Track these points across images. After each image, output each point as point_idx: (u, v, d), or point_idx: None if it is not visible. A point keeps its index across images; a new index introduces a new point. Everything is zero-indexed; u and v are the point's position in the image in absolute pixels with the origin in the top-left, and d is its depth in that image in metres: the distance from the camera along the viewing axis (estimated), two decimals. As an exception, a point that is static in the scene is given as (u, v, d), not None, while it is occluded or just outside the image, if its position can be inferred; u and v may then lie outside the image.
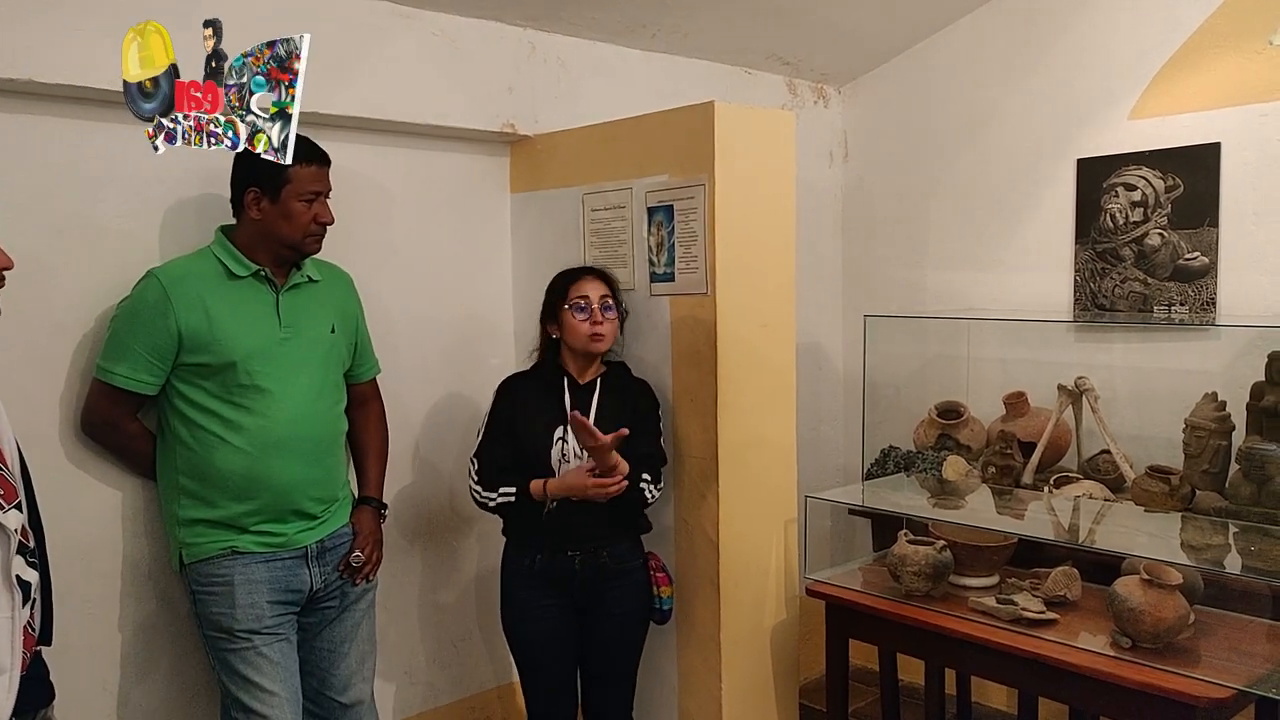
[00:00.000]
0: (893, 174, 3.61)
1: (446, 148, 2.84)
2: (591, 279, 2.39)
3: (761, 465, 2.58)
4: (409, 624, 2.83)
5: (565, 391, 2.38)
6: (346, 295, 2.34)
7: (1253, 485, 2.38)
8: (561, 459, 2.34)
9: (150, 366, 2.05)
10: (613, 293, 2.40)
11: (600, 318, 2.33)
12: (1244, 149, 2.74)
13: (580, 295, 2.35)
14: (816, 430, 3.67)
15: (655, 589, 2.45)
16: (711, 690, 2.55)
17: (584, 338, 2.34)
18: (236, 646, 2.08)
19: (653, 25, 2.97)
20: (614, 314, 2.38)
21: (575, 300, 2.35)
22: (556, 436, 2.35)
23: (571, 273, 2.43)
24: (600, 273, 2.43)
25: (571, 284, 2.38)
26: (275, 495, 2.10)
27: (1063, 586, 2.34)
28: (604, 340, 2.35)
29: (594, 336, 2.34)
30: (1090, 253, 3.04)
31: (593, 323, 2.33)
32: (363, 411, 2.40)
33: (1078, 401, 2.85)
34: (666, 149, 2.51)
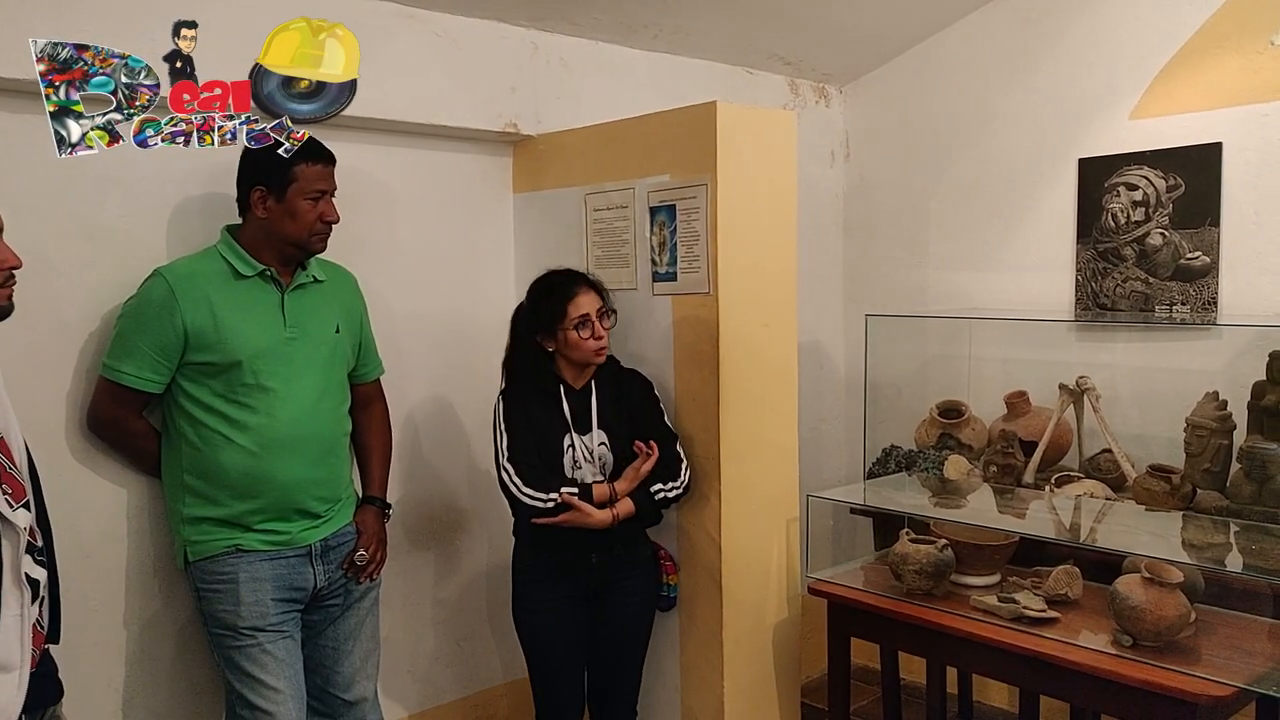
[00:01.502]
0: (894, 174, 3.61)
1: (449, 148, 2.85)
2: (585, 292, 2.34)
3: (763, 464, 2.59)
4: (413, 622, 2.84)
5: (564, 399, 2.38)
6: (351, 296, 2.35)
7: (1254, 484, 2.39)
8: (574, 465, 2.35)
9: (156, 365, 2.06)
10: (603, 299, 2.38)
11: (601, 331, 2.34)
12: (1245, 149, 2.75)
13: (580, 315, 2.30)
14: (818, 429, 3.68)
15: (664, 577, 2.53)
16: (714, 688, 2.56)
17: (589, 353, 2.34)
18: (241, 643, 2.09)
19: (655, 25, 2.98)
20: (609, 320, 2.38)
21: (576, 319, 2.31)
22: (566, 444, 2.36)
23: (564, 288, 2.34)
24: (589, 282, 2.38)
25: (568, 302, 2.31)
26: (279, 494, 2.11)
27: (1064, 585, 2.35)
28: (606, 349, 2.37)
29: (599, 351, 2.34)
30: (1092, 252, 3.05)
31: (595, 338, 2.32)
32: (367, 412, 2.40)
33: (1079, 401, 2.85)
34: (668, 149, 2.52)
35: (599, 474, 2.37)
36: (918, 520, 2.64)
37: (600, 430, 2.37)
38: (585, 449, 2.36)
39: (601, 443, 2.37)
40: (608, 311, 2.37)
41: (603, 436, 2.37)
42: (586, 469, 2.35)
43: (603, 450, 2.37)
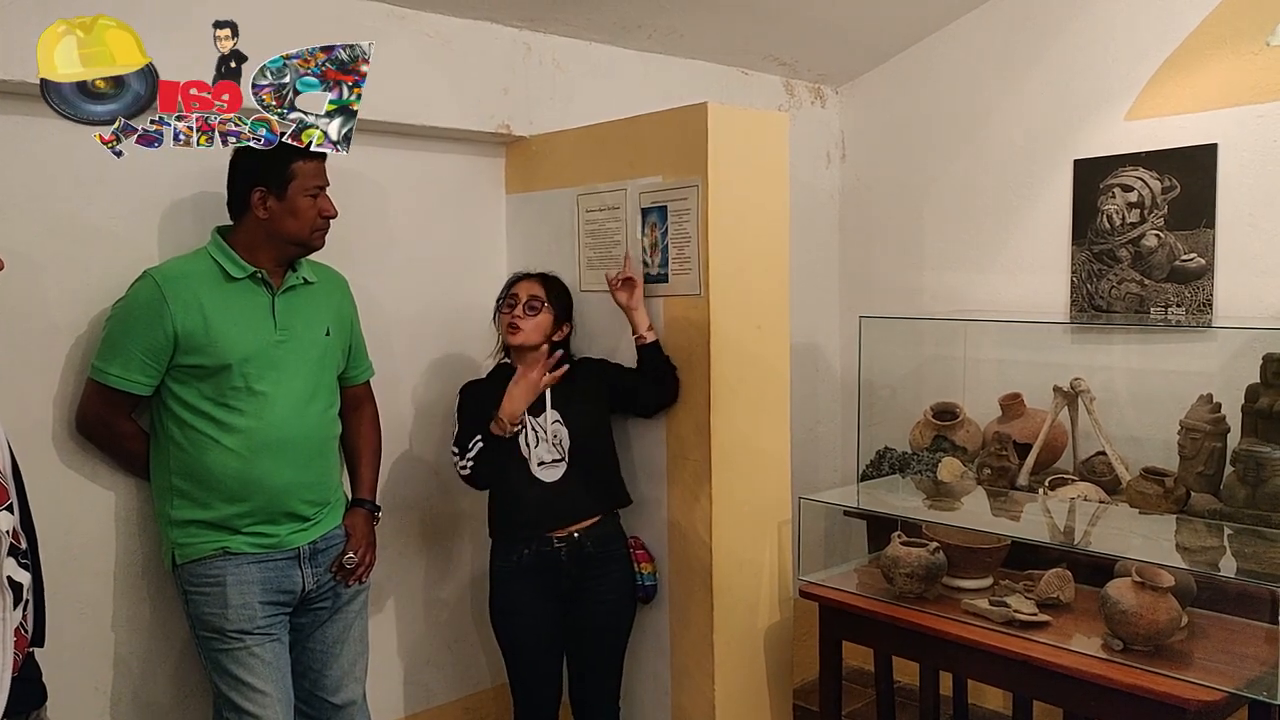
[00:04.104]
0: (890, 175, 3.60)
1: (442, 149, 2.84)
2: (528, 280, 2.50)
3: (755, 466, 2.58)
4: (403, 624, 2.84)
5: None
6: (342, 298, 2.35)
7: (1247, 487, 2.38)
8: (529, 445, 2.42)
9: (145, 367, 2.06)
10: (547, 294, 2.47)
11: (521, 313, 2.43)
12: (1241, 150, 2.73)
13: (512, 294, 2.48)
14: (813, 431, 3.67)
15: (636, 566, 2.54)
16: (705, 692, 2.55)
17: (504, 328, 2.47)
18: (228, 646, 2.08)
19: (648, 26, 2.97)
20: (537, 315, 2.44)
21: (508, 297, 2.49)
22: (520, 424, 2.43)
23: (516, 274, 2.56)
24: (542, 276, 2.52)
25: (512, 284, 2.52)
26: (268, 497, 2.11)
27: (1055, 589, 2.34)
28: (517, 333, 2.43)
29: (509, 328, 2.44)
30: (1087, 254, 3.04)
31: (512, 316, 2.43)
32: (356, 414, 2.40)
33: (1073, 403, 2.84)
34: (660, 150, 2.51)
35: (555, 451, 2.44)
36: (911, 523, 2.63)
37: (553, 410, 2.44)
38: (540, 428, 2.43)
39: (555, 420, 2.45)
40: (541, 304, 2.45)
41: (555, 415, 2.45)
42: (543, 447, 2.43)
43: (557, 427, 2.45)
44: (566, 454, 2.44)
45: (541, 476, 2.42)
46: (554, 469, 2.43)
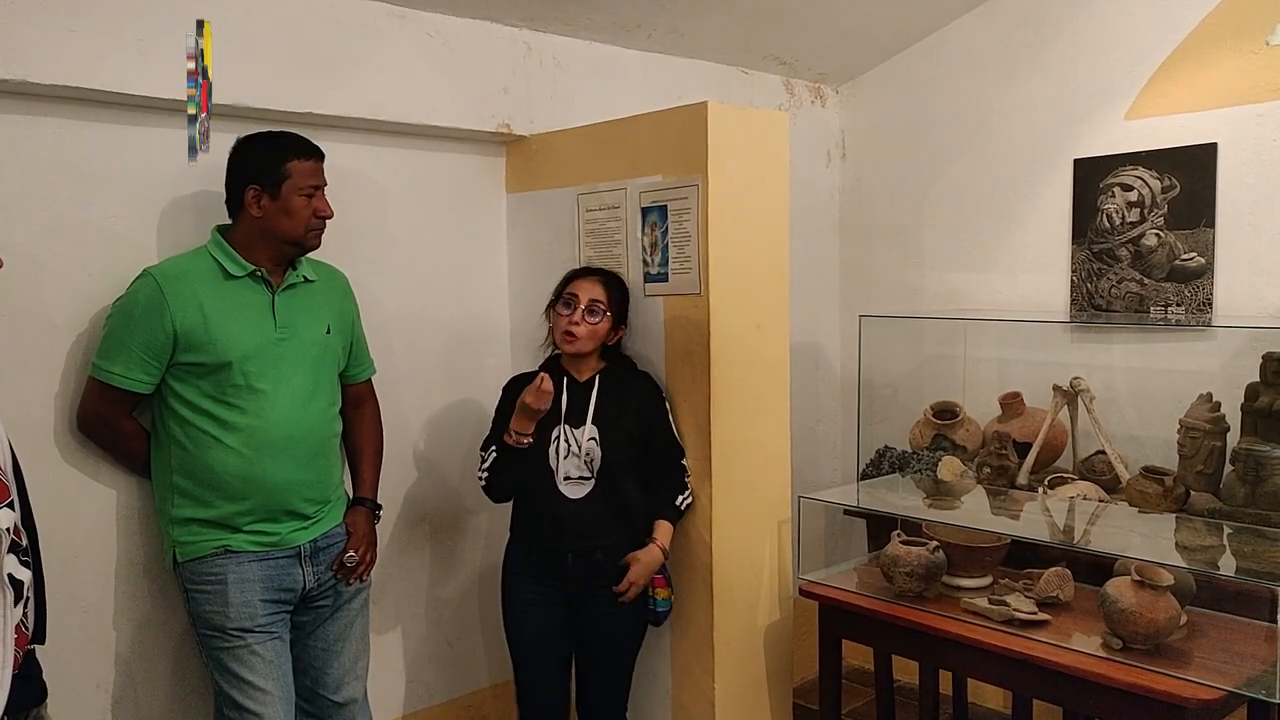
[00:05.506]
0: (890, 174, 3.60)
1: (442, 148, 2.84)
2: (590, 280, 2.41)
3: (755, 465, 2.58)
4: (404, 622, 2.84)
5: (564, 391, 2.39)
6: (342, 296, 2.35)
7: (1247, 486, 2.38)
8: (558, 456, 2.36)
9: (145, 365, 2.06)
10: (608, 297, 2.39)
11: (579, 318, 2.34)
12: (1241, 149, 2.74)
13: (571, 293, 2.39)
14: (813, 430, 3.67)
15: (650, 589, 2.43)
16: (705, 691, 2.55)
17: (559, 334, 2.38)
18: (229, 644, 2.09)
19: (649, 25, 2.97)
20: (599, 318, 2.37)
21: (565, 296, 2.40)
22: (554, 435, 2.36)
23: (577, 270, 2.48)
24: (604, 274, 2.45)
25: (571, 280, 2.43)
26: (268, 495, 2.11)
27: (1055, 588, 2.34)
28: (574, 341, 2.35)
29: (565, 335, 2.36)
30: (1087, 253, 3.04)
31: (570, 321, 2.35)
32: (358, 412, 2.40)
33: (1073, 402, 2.85)
34: (660, 149, 2.52)
35: (584, 469, 2.36)
36: (910, 522, 2.63)
37: (593, 425, 2.36)
38: (574, 441, 2.36)
39: (591, 438, 2.36)
40: (602, 308, 2.37)
41: (594, 431, 2.36)
42: (571, 461, 2.35)
43: (591, 445, 2.36)
44: (595, 474, 2.36)
45: (566, 492, 2.35)
46: (579, 486, 2.36)
